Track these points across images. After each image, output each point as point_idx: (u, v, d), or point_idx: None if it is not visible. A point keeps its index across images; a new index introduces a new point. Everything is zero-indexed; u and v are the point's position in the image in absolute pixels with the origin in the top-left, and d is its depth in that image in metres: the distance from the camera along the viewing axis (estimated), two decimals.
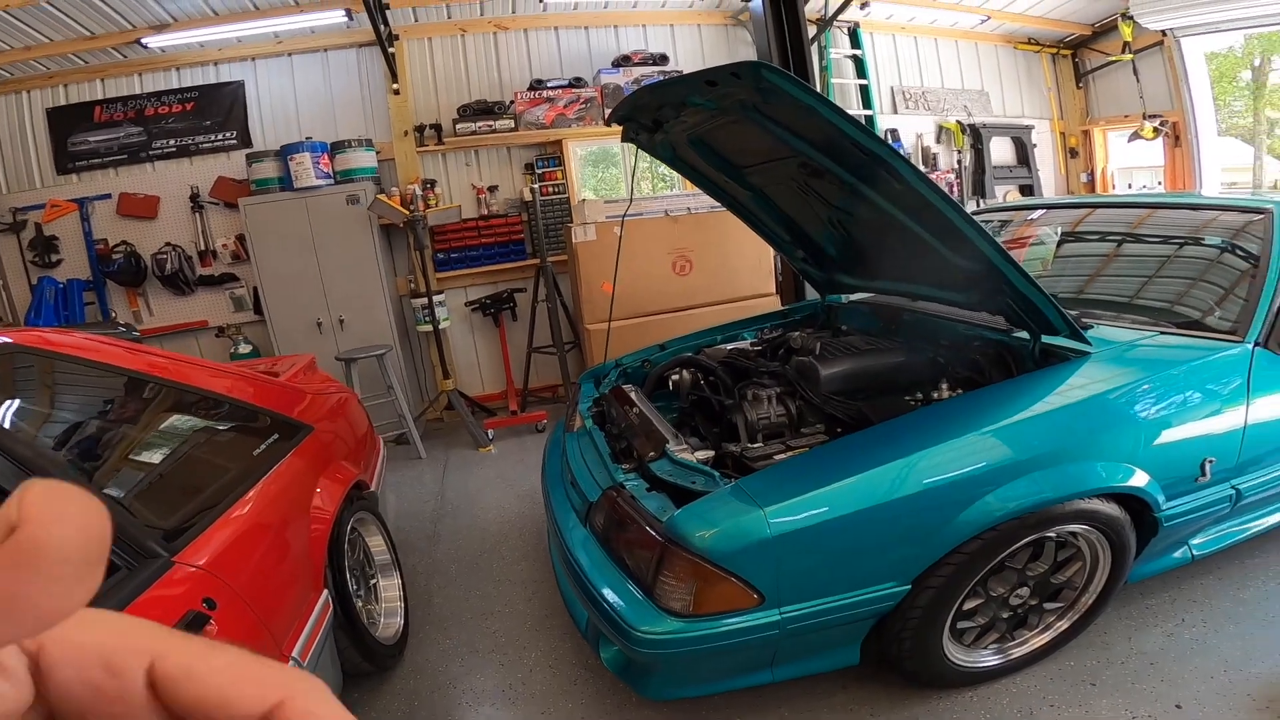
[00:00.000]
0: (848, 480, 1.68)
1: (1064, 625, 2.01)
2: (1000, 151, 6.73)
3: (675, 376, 2.84)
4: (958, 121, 6.46)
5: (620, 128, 2.59)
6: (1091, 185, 7.13)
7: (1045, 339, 2.14)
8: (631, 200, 3.17)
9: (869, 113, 6.00)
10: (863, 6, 5.64)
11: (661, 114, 2.22)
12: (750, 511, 1.63)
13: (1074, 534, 1.91)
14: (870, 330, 2.89)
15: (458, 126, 4.91)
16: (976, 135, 6.49)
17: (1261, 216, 2.36)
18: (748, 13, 4.81)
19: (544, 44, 5.21)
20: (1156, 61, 6.43)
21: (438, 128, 4.92)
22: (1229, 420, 2.02)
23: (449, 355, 4.95)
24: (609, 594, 1.78)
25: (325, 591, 1.94)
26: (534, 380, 5.12)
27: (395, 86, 4.82)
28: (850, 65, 5.98)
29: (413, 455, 4.44)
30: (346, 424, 2.65)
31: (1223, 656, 1.96)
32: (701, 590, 1.62)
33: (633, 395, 2.57)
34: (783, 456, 1.98)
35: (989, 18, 6.28)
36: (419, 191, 4.72)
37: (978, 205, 6.33)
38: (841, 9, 5.48)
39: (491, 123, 4.90)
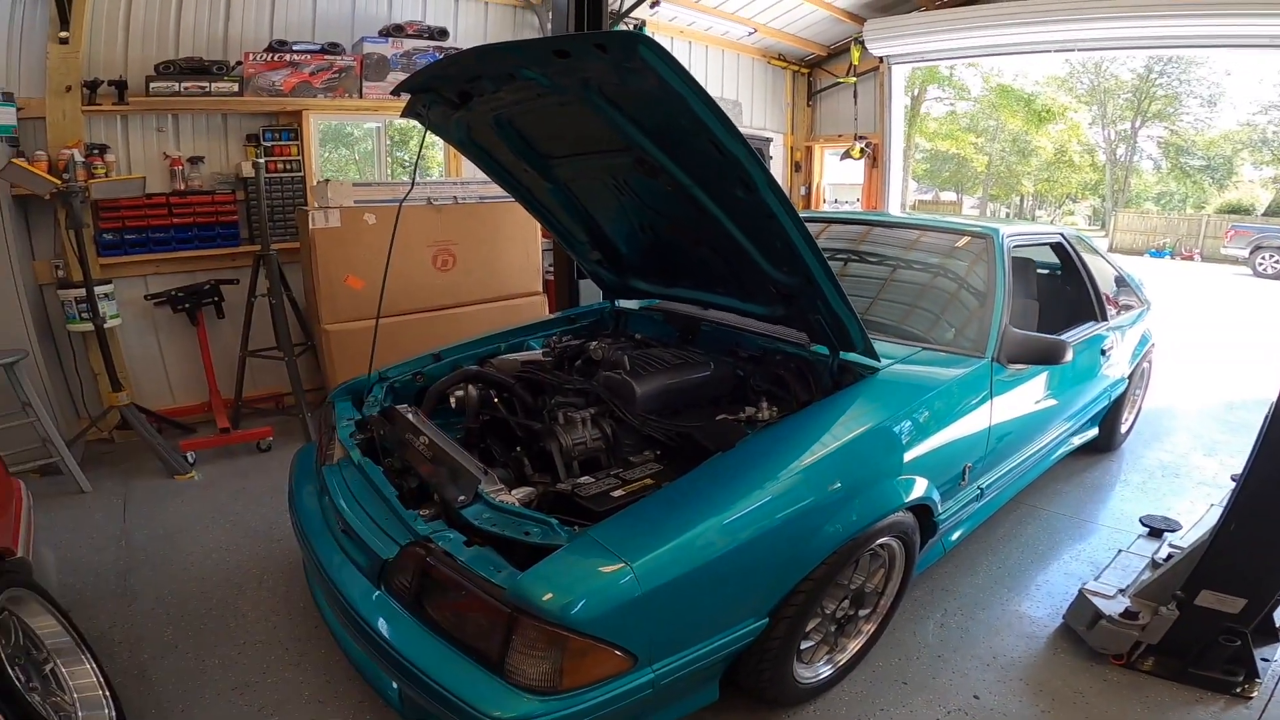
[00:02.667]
0: (709, 522, 1.55)
1: (871, 628, 2.12)
2: None
3: (459, 393, 2.44)
4: None
5: (404, 99, 2.13)
6: (808, 198, 8.11)
7: (843, 355, 2.23)
8: (414, 184, 2.66)
9: None
10: (653, 6, 5.72)
11: (476, 86, 1.84)
12: (617, 568, 1.39)
13: (883, 545, 2.00)
14: (666, 340, 2.80)
15: (152, 85, 3.85)
16: None
17: (984, 241, 2.75)
18: None
19: (295, 2, 4.37)
20: (870, 87, 7.52)
21: (120, 85, 3.79)
22: (980, 428, 2.31)
23: (119, 361, 3.80)
24: (439, 672, 1.43)
25: None
26: (248, 389, 4.19)
27: (64, 35, 3.59)
28: None
29: (71, 488, 3.30)
30: None
31: (989, 644, 2.23)
32: (568, 662, 1.34)
33: (413, 419, 2.15)
34: (621, 493, 1.76)
35: (755, 30, 6.84)
36: (79, 158, 3.56)
37: None
38: (635, 5, 5.48)
39: (205, 84, 3.92)
